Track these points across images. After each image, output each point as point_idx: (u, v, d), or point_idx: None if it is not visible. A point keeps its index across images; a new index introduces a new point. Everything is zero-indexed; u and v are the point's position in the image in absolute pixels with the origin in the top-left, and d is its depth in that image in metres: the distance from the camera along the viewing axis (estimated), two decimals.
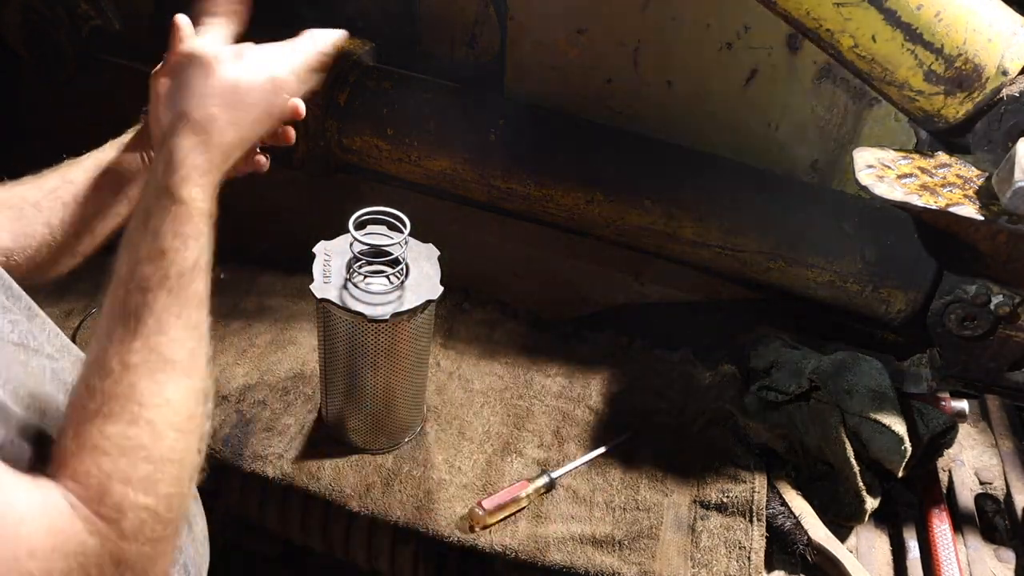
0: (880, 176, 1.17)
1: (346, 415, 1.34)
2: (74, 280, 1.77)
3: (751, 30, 1.53)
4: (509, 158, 1.60)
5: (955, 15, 1.14)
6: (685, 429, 1.47)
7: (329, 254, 1.28)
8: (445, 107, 1.65)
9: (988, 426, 1.57)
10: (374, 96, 1.67)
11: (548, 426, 1.46)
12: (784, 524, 1.30)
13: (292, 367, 1.52)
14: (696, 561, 1.24)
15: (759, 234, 1.51)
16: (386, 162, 1.70)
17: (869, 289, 1.48)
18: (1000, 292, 1.24)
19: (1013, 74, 1.18)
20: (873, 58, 1.19)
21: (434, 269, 1.28)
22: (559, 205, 1.61)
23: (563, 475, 1.35)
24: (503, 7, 1.71)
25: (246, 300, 1.69)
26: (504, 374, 1.57)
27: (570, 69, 1.68)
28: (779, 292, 1.58)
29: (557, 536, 1.26)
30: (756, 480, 1.35)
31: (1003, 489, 1.42)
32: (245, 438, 1.37)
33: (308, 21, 1.89)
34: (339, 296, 1.20)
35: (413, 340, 1.26)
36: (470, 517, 1.27)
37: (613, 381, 1.56)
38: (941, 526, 1.31)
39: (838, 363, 1.39)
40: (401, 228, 1.25)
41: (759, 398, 1.44)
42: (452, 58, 1.87)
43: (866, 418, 1.29)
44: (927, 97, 1.21)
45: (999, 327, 1.27)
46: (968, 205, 1.11)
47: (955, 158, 1.22)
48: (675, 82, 1.63)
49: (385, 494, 1.31)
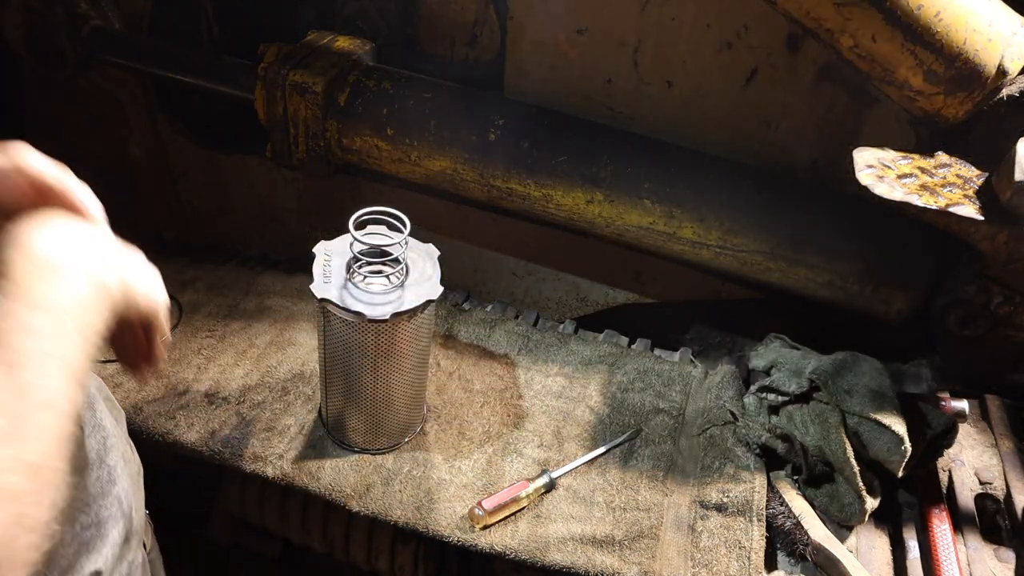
0: (880, 176, 1.17)
1: (346, 415, 1.34)
2: None
3: (751, 30, 1.53)
4: (509, 158, 1.60)
5: (955, 15, 1.14)
6: (685, 429, 1.47)
7: (329, 254, 1.28)
8: (445, 107, 1.65)
9: (988, 426, 1.57)
10: (374, 96, 1.67)
11: (548, 426, 1.46)
12: (784, 524, 1.30)
13: (292, 367, 1.52)
14: (696, 561, 1.24)
15: (759, 234, 1.51)
16: (386, 162, 1.70)
17: (869, 289, 1.48)
18: (1000, 292, 1.24)
19: (1013, 74, 1.18)
20: (873, 58, 1.19)
21: (434, 269, 1.28)
22: (559, 205, 1.61)
23: (563, 475, 1.35)
24: (503, 7, 1.71)
25: (246, 300, 1.69)
26: (504, 374, 1.57)
27: (570, 69, 1.68)
28: (779, 292, 1.58)
29: (557, 536, 1.26)
30: (756, 480, 1.35)
31: (1003, 489, 1.42)
32: (245, 438, 1.37)
33: (308, 21, 1.90)
34: (339, 296, 1.20)
35: (413, 340, 1.26)
36: (470, 517, 1.27)
37: (613, 381, 1.56)
38: (941, 526, 1.31)
39: (838, 363, 1.39)
40: (401, 228, 1.25)
41: (759, 398, 1.44)
42: (452, 58, 1.87)
43: (866, 418, 1.29)
44: (927, 97, 1.21)
45: (999, 327, 1.27)
46: (968, 205, 1.11)
47: (955, 158, 1.22)
48: (675, 82, 1.63)
49: (385, 494, 1.31)
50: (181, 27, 2.00)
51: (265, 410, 1.43)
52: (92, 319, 0.65)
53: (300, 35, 1.77)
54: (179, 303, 1.65)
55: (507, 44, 1.72)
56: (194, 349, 1.55)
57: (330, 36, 1.78)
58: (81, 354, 0.62)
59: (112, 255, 0.71)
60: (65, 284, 0.64)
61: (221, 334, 1.59)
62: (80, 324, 0.63)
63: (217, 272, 1.78)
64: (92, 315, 0.65)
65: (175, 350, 1.54)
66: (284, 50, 1.70)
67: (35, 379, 0.58)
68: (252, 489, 1.45)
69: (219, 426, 1.39)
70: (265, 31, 1.85)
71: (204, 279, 1.75)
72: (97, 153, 2.18)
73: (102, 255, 0.70)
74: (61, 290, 0.63)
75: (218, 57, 1.84)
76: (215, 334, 1.59)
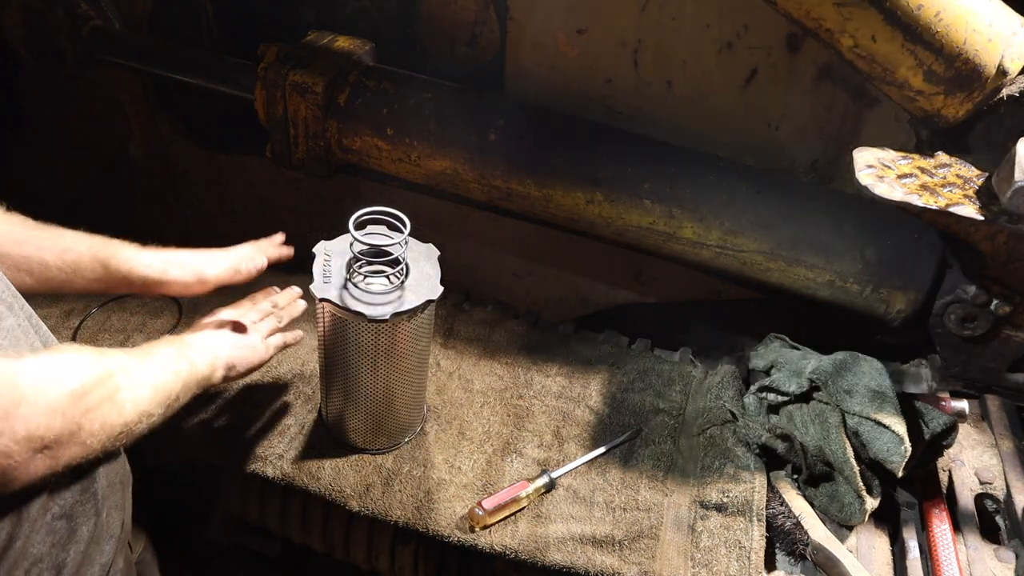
0: (880, 176, 1.17)
1: (346, 415, 1.34)
2: None
3: (751, 30, 1.53)
4: (509, 158, 1.60)
5: (955, 15, 1.14)
6: (685, 429, 1.47)
7: (329, 254, 1.28)
8: (445, 107, 1.65)
9: (988, 426, 1.57)
10: (374, 96, 1.67)
11: (548, 426, 1.46)
12: (784, 524, 1.30)
13: (292, 367, 1.52)
14: (696, 561, 1.24)
15: (759, 234, 1.51)
16: (386, 162, 1.70)
17: (869, 289, 1.48)
18: (1000, 292, 1.24)
19: (1013, 74, 1.17)
20: (873, 58, 1.19)
21: (434, 269, 1.28)
22: (559, 205, 1.61)
23: (563, 475, 1.35)
24: (503, 7, 1.71)
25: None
26: (504, 374, 1.57)
27: (570, 69, 1.68)
28: (779, 292, 1.58)
29: (557, 536, 1.26)
30: (756, 480, 1.35)
31: (1003, 489, 1.42)
32: (245, 438, 1.37)
33: (308, 21, 1.90)
34: (339, 296, 1.20)
35: (413, 340, 1.26)
36: (470, 517, 1.27)
37: (613, 381, 1.56)
38: (941, 526, 1.31)
39: (838, 363, 1.39)
40: (401, 228, 1.24)
41: (759, 398, 1.44)
42: (452, 58, 1.87)
43: (866, 418, 1.29)
44: (927, 97, 1.21)
45: (999, 327, 1.27)
46: (968, 205, 1.11)
47: (955, 158, 1.22)
48: (675, 82, 1.63)
49: (385, 494, 1.31)
50: (181, 27, 2.00)
51: (265, 410, 1.43)
52: (194, 376, 1.08)
53: (300, 35, 1.77)
54: (179, 303, 1.65)
55: (507, 44, 1.73)
56: None
57: (330, 36, 1.78)
58: (179, 381, 1.02)
59: (226, 350, 1.16)
60: (193, 356, 1.09)
61: None
62: (186, 373, 1.05)
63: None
64: (196, 375, 1.08)
65: None
66: (284, 50, 1.70)
67: (158, 360, 1.01)
68: (252, 489, 1.45)
69: (219, 426, 1.39)
70: (265, 31, 1.85)
71: None
72: (97, 153, 2.18)
73: (218, 353, 1.15)
74: (192, 355, 1.08)
75: (218, 57, 1.84)
76: None
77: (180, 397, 1.03)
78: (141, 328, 1.58)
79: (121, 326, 1.58)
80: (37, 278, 1.09)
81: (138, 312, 1.63)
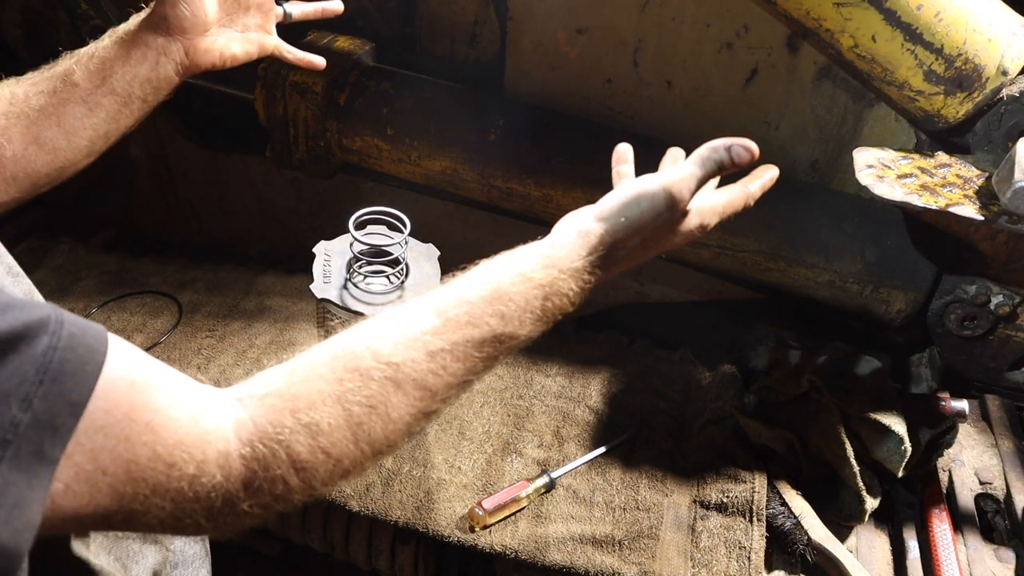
0: (880, 176, 1.17)
1: None
2: (74, 280, 1.77)
3: (751, 30, 1.53)
4: (509, 158, 1.60)
5: (955, 15, 1.14)
6: (685, 429, 1.47)
7: (329, 254, 1.28)
8: (445, 107, 1.65)
9: (988, 426, 1.57)
10: (374, 96, 1.67)
11: (548, 426, 1.46)
12: (784, 524, 1.30)
13: None
14: (696, 561, 1.24)
15: (759, 234, 1.51)
16: (386, 162, 1.70)
17: (869, 289, 1.48)
18: (1000, 292, 1.24)
19: (1013, 74, 1.17)
20: (873, 58, 1.19)
21: (434, 269, 1.28)
22: (559, 205, 1.61)
23: (563, 475, 1.35)
24: (503, 7, 1.71)
25: (246, 300, 1.69)
26: (504, 374, 1.57)
27: (570, 69, 1.68)
28: (779, 292, 1.58)
29: (557, 536, 1.26)
30: (756, 480, 1.35)
31: (1003, 489, 1.42)
32: None
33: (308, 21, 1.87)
34: (339, 296, 1.20)
35: None
36: (470, 517, 1.27)
37: (613, 381, 1.56)
38: (941, 526, 1.31)
39: (838, 363, 1.39)
40: (401, 228, 1.25)
41: (759, 398, 1.44)
42: (452, 58, 1.87)
43: (866, 418, 1.29)
44: (927, 97, 1.21)
45: (999, 327, 1.27)
46: (968, 205, 1.11)
47: (955, 158, 1.22)
48: (675, 82, 1.63)
49: (385, 494, 1.31)
50: None
51: None
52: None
53: (300, 35, 1.77)
54: (179, 303, 1.65)
55: (507, 44, 1.72)
56: (194, 349, 1.54)
57: (330, 36, 1.78)
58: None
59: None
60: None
61: (221, 334, 1.59)
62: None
63: (217, 272, 1.78)
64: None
65: (175, 350, 1.54)
66: None
67: (467, 373, 0.76)
68: None
69: None
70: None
71: (204, 279, 1.75)
72: None
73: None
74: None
75: None
76: (215, 334, 1.59)
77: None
78: (141, 328, 1.58)
79: (121, 326, 1.58)
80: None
81: (138, 312, 1.63)
